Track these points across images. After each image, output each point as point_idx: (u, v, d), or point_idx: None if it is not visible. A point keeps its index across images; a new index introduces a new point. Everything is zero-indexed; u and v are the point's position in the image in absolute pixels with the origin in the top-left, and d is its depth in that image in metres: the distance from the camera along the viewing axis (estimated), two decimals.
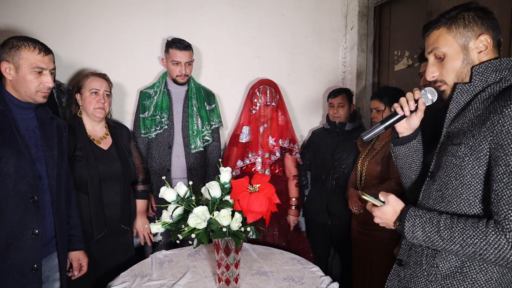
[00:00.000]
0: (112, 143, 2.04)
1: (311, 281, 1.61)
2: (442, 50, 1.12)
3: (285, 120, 2.62)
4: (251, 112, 2.56)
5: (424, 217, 1.06)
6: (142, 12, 2.58)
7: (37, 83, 1.50)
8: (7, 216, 1.42)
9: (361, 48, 2.95)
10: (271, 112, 2.54)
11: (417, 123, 1.24)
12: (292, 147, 2.60)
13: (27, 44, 1.48)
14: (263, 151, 2.53)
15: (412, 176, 1.33)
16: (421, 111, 1.21)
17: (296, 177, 2.64)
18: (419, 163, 1.30)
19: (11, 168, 1.42)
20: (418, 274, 1.15)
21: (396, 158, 1.33)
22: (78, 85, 1.99)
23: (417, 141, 1.28)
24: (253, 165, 2.53)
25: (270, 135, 2.55)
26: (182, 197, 1.47)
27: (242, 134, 2.56)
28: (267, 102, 2.51)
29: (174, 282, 1.60)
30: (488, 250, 0.95)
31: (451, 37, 1.11)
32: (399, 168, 1.35)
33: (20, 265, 1.44)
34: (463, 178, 1.04)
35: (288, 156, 2.62)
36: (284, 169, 2.63)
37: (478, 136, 1.01)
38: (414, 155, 1.29)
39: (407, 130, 1.26)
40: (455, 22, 1.10)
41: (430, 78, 1.17)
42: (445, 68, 1.13)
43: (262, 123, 2.55)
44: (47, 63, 1.52)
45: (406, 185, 1.38)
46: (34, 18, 2.37)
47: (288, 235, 2.59)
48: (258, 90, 2.52)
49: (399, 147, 1.30)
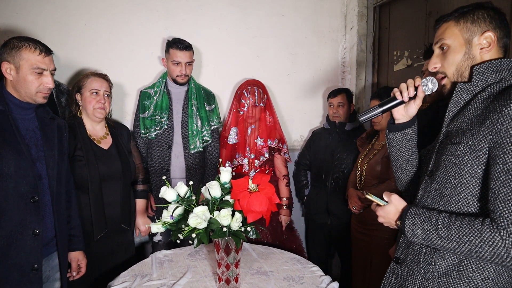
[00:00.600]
0: (112, 143, 2.04)
1: (311, 280, 1.62)
2: (447, 42, 1.14)
3: (273, 120, 2.62)
4: (239, 113, 2.56)
5: (423, 215, 1.07)
6: (142, 12, 2.58)
7: (37, 83, 1.50)
8: (8, 216, 1.42)
9: (361, 48, 2.96)
10: (259, 113, 2.53)
11: (415, 111, 1.25)
12: (281, 147, 2.60)
13: (28, 44, 1.48)
14: (250, 152, 2.53)
15: (403, 165, 1.34)
16: (420, 99, 1.22)
17: (286, 177, 2.63)
18: (411, 152, 1.31)
19: (12, 168, 1.42)
20: (415, 272, 1.15)
21: (389, 145, 1.34)
22: (78, 85, 2.00)
23: (412, 130, 1.28)
24: (242, 166, 2.53)
25: (258, 135, 2.55)
26: (183, 197, 1.48)
27: (230, 135, 2.57)
28: (256, 103, 2.50)
29: (174, 281, 1.61)
30: (483, 248, 0.95)
31: (458, 30, 1.13)
32: (391, 156, 1.36)
33: (21, 265, 1.44)
34: (462, 177, 1.05)
35: (277, 156, 2.61)
36: (274, 169, 2.64)
37: (478, 135, 1.01)
38: (408, 144, 1.29)
39: (404, 117, 1.27)
40: (464, 16, 1.12)
41: (431, 69, 1.19)
42: (447, 60, 1.15)
43: (250, 124, 2.55)
44: (48, 64, 1.52)
45: (396, 174, 1.39)
46: (33, 18, 2.37)
47: (281, 235, 2.59)
48: (246, 91, 2.51)
49: (393, 133, 1.30)
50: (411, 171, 1.34)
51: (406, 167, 1.34)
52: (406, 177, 1.36)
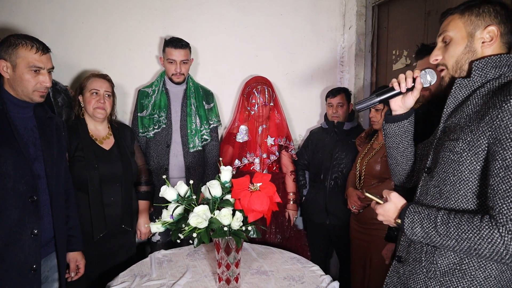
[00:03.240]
0: (115, 144, 2.04)
1: (311, 280, 1.61)
2: (450, 34, 1.14)
3: (281, 118, 2.65)
4: (249, 112, 2.55)
5: (422, 213, 1.07)
6: (140, 11, 2.57)
7: (34, 82, 1.48)
8: (6, 216, 1.40)
9: (359, 48, 2.96)
10: (268, 112, 2.55)
11: (412, 103, 1.25)
12: (288, 144, 2.63)
13: (25, 42, 1.46)
14: (261, 151, 2.53)
15: (398, 157, 1.34)
16: (418, 91, 1.22)
17: (293, 172, 2.66)
18: (407, 145, 1.31)
19: (10, 167, 1.41)
20: (417, 270, 1.15)
21: (385, 136, 1.34)
22: (80, 86, 2.02)
23: (408, 122, 1.28)
24: (251, 164, 2.53)
25: (269, 135, 2.55)
26: (183, 196, 1.47)
27: (239, 133, 2.56)
28: (265, 102, 2.51)
29: (174, 281, 1.60)
30: (482, 245, 0.95)
31: (461, 23, 1.13)
32: (387, 148, 1.36)
33: (19, 265, 1.42)
34: (461, 174, 1.04)
35: (284, 153, 2.64)
36: (281, 166, 2.64)
37: (477, 131, 1.01)
38: (404, 136, 1.29)
39: (401, 108, 1.27)
40: (470, 9, 1.12)
41: (433, 61, 1.19)
42: (448, 52, 1.15)
43: (261, 123, 2.56)
44: (45, 62, 1.50)
45: (391, 167, 1.39)
46: (31, 17, 2.35)
47: (286, 232, 2.59)
48: (256, 90, 2.51)
49: (390, 124, 1.30)
50: (406, 163, 1.34)
51: (401, 160, 1.34)
52: (401, 169, 1.36)
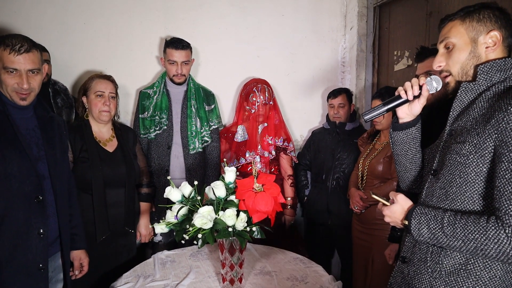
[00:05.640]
0: (118, 146, 2.04)
1: (314, 280, 1.61)
2: (452, 40, 1.15)
3: (279, 119, 2.64)
4: (249, 111, 2.54)
5: (429, 214, 1.07)
6: (141, 12, 2.57)
7: (11, 83, 1.42)
8: (13, 216, 1.40)
9: (361, 48, 2.96)
10: (268, 111, 2.55)
11: (419, 110, 1.25)
12: (287, 146, 2.60)
13: (3, 42, 1.40)
14: (262, 150, 2.53)
15: (407, 164, 1.34)
16: (424, 98, 1.21)
17: (291, 177, 2.64)
18: (415, 151, 1.31)
19: (15, 168, 1.41)
20: (422, 271, 1.15)
21: (393, 144, 1.34)
22: (84, 87, 2.00)
23: (416, 129, 1.28)
24: (248, 164, 2.52)
25: (267, 133, 2.55)
26: (187, 197, 1.47)
27: (238, 133, 2.56)
28: (266, 101, 2.51)
29: (177, 282, 1.60)
30: (489, 245, 0.96)
31: (463, 29, 1.13)
32: (395, 155, 1.36)
33: (27, 265, 1.43)
34: (467, 176, 1.05)
35: (283, 156, 2.62)
36: (280, 168, 2.63)
37: (483, 134, 1.02)
38: (411, 143, 1.29)
39: (408, 115, 1.27)
40: (470, 15, 1.13)
41: (436, 68, 1.19)
42: (451, 58, 1.15)
43: (261, 122, 2.55)
44: (22, 63, 1.41)
45: (400, 173, 1.39)
46: (32, 17, 2.36)
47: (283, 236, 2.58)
48: (257, 89, 2.51)
49: (397, 132, 1.30)
50: (414, 170, 1.34)
51: (410, 166, 1.34)
52: (410, 176, 1.36)
